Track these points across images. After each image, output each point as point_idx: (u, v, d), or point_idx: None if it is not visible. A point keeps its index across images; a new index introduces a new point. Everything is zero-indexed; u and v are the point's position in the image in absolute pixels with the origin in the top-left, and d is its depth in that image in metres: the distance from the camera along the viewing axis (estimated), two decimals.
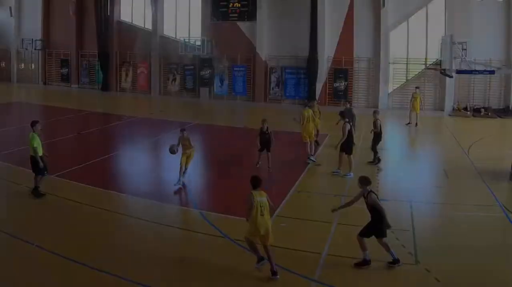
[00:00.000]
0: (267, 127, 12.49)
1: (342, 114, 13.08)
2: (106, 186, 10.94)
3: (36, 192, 9.87)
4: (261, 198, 6.80)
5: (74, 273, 6.78)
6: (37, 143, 9.76)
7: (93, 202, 9.74)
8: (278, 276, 6.72)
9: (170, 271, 7.01)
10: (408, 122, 20.65)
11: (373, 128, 13.72)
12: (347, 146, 12.27)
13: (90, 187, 10.80)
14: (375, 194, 7.34)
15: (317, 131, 14.89)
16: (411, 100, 20.70)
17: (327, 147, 15.29)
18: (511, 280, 7.01)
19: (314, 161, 13.48)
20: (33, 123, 10.02)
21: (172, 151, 11.02)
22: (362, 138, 15.62)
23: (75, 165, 12.15)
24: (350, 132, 12.37)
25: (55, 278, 6.66)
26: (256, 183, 6.97)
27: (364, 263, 7.15)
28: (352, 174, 11.96)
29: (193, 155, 11.30)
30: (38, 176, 9.92)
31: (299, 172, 12.54)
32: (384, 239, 7.19)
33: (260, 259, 6.86)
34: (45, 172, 9.95)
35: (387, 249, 7.19)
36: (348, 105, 15.92)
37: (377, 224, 7.13)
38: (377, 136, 13.63)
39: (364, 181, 7.39)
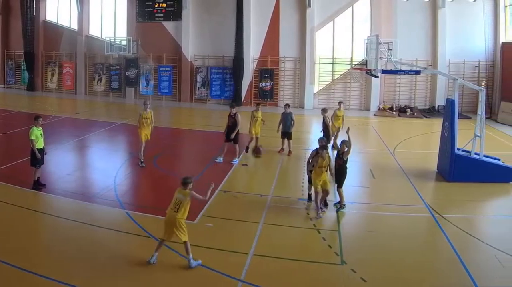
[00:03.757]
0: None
1: (232, 105, 13.81)
2: (32, 186, 10.61)
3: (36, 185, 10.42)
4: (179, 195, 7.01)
5: (1, 274, 6.69)
6: (34, 136, 10.29)
7: (18, 202, 9.57)
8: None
9: (96, 271, 6.92)
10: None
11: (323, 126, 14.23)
12: (237, 135, 13.47)
13: (15, 187, 10.59)
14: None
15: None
16: (332, 117, 15.53)
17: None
18: (436, 278, 7.01)
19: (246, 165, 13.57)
20: (35, 118, 10.61)
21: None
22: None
23: (0, 165, 11.95)
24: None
25: None
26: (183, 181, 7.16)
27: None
28: (237, 160, 13.38)
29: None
30: (33, 168, 10.40)
31: (225, 172, 12.46)
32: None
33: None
34: (37, 165, 10.35)
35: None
36: (288, 110, 14.77)
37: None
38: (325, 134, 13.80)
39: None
